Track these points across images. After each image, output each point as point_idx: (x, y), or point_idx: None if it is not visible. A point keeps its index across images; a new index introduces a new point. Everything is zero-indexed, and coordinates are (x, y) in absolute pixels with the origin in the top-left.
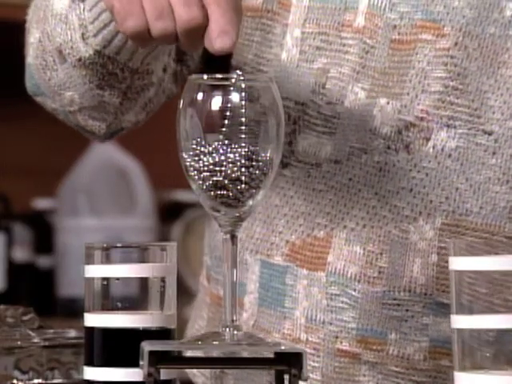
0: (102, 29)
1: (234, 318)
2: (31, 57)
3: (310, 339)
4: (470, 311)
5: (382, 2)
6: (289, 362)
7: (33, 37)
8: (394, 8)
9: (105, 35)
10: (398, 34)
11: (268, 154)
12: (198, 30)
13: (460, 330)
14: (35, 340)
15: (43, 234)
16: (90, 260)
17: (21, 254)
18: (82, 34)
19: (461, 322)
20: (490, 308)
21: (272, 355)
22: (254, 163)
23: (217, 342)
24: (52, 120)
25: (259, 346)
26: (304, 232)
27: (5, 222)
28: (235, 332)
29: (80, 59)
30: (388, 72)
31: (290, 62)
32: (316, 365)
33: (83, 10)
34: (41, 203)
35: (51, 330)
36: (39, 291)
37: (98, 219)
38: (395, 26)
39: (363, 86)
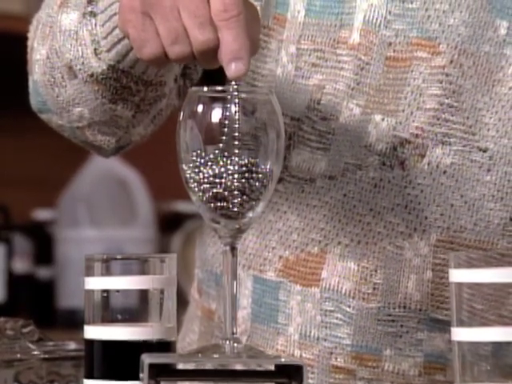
0: (116, 43)
1: (234, 331)
2: (37, 74)
3: (304, 355)
4: (470, 324)
5: (377, 19)
6: (289, 374)
7: (39, 54)
8: (389, 25)
9: (119, 50)
10: (394, 51)
11: (268, 166)
12: (214, 50)
13: (460, 343)
14: (35, 352)
15: (43, 245)
16: (90, 272)
17: (21, 266)
18: (95, 50)
19: (461, 334)
20: (486, 324)
21: (272, 368)
22: (253, 175)
23: (217, 355)
24: (52, 131)
25: (259, 358)
26: (298, 248)
27: (5, 233)
28: (235, 345)
29: (92, 75)
30: (383, 89)
31: (285, 77)
32: (311, 381)
33: (95, 25)
34: (41, 214)
35: (51, 343)
36: (39, 302)
37: (98, 230)
38: (390, 44)
39: (358, 102)
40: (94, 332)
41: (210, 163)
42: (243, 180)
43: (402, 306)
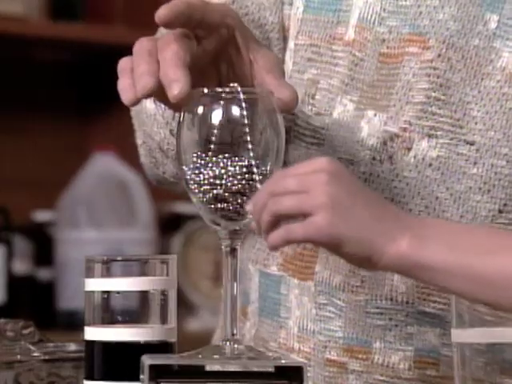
0: None
1: (235, 332)
2: (142, 156)
3: (302, 348)
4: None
5: (371, 16)
6: (289, 375)
7: (139, 139)
8: (383, 22)
9: None
10: (387, 47)
11: (268, 167)
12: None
13: (459, 344)
14: (35, 354)
15: (43, 247)
16: (90, 273)
17: (20, 267)
18: (170, 131)
19: (461, 336)
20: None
21: (272, 369)
22: (253, 176)
23: (217, 356)
24: (52, 132)
25: (259, 359)
26: None
27: (4, 234)
28: (235, 346)
29: None
30: (376, 85)
31: (285, 72)
32: (308, 374)
33: (164, 109)
34: (41, 215)
35: (51, 344)
36: (39, 304)
37: (98, 231)
38: (384, 40)
39: (352, 97)
40: (94, 333)
41: (209, 164)
42: (243, 181)
43: (389, 299)
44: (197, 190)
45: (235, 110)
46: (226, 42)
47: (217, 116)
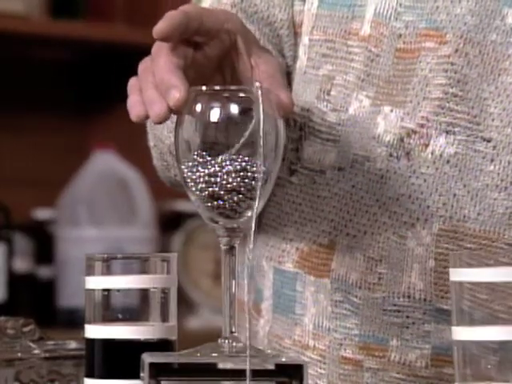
0: None
1: (233, 330)
2: (154, 159)
3: (317, 346)
4: (471, 321)
5: (387, 11)
6: (290, 373)
7: (151, 141)
8: (399, 17)
9: None
10: (403, 42)
11: (265, 165)
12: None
13: (461, 342)
14: (36, 351)
15: (43, 245)
16: (90, 271)
17: (21, 265)
18: None
19: (462, 333)
20: (492, 315)
21: (273, 367)
22: (249, 174)
23: (217, 354)
24: (52, 130)
25: (259, 357)
26: (311, 239)
27: (5, 232)
28: (234, 344)
29: None
30: (392, 80)
31: (299, 68)
32: (323, 372)
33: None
34: (41, 214)
35: (52, 342)
36: (39, 302)
37: (99, 229)
38: (400, 35)
39: (368, 93)
40: (94, 331)
41: (206, 162)
42: (238, 179)
43: (407, 296)
44: (194, 188)
45: (233, 108)
46: (228, 48)
47: (214, 114)
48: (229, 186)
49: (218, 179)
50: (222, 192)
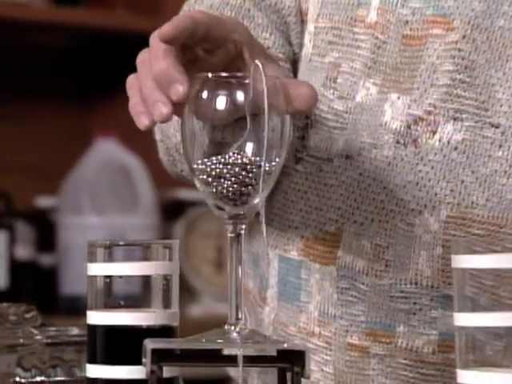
0: None
1: (239, 316)
2: (161, 153)
3: (323, 333)
4: (475, 307)
5: None
6: (291, 359)
7: (157, 136)
8: (406, 4)
9: None
10: (410, 29)
11: (272, 153)
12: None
13: (463, 328)
14: (38, 338)
15: (45, 232)
16: (92, 258)
17: (23, 252)
18: None
19: (464, 319)
20: (498, 301)
21: (275, 353)
22: (257, 162)
23: (220, 340)
24: (54, 118)
25: (262, 343)
26: (316, 227)
27: (7, 220)
28: (238, 330)
29: None
30: (399, 67)
31: (304, 56)
32: (329, 358)
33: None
34: (43, 201)
35: (54, 328)
36: (41, 289)
37: (101, 217)
38: (407, 22)
39: (375, 81)
40: (96, 317)
41: (213, 150)
42: (247, 167)
43: (414, 283)
44: (201, 176)
45: (240, 96)
46: (233, 58)
47: (221, 102)
48: (237, 174)
49: (227, 167)
50: (229, 180)
